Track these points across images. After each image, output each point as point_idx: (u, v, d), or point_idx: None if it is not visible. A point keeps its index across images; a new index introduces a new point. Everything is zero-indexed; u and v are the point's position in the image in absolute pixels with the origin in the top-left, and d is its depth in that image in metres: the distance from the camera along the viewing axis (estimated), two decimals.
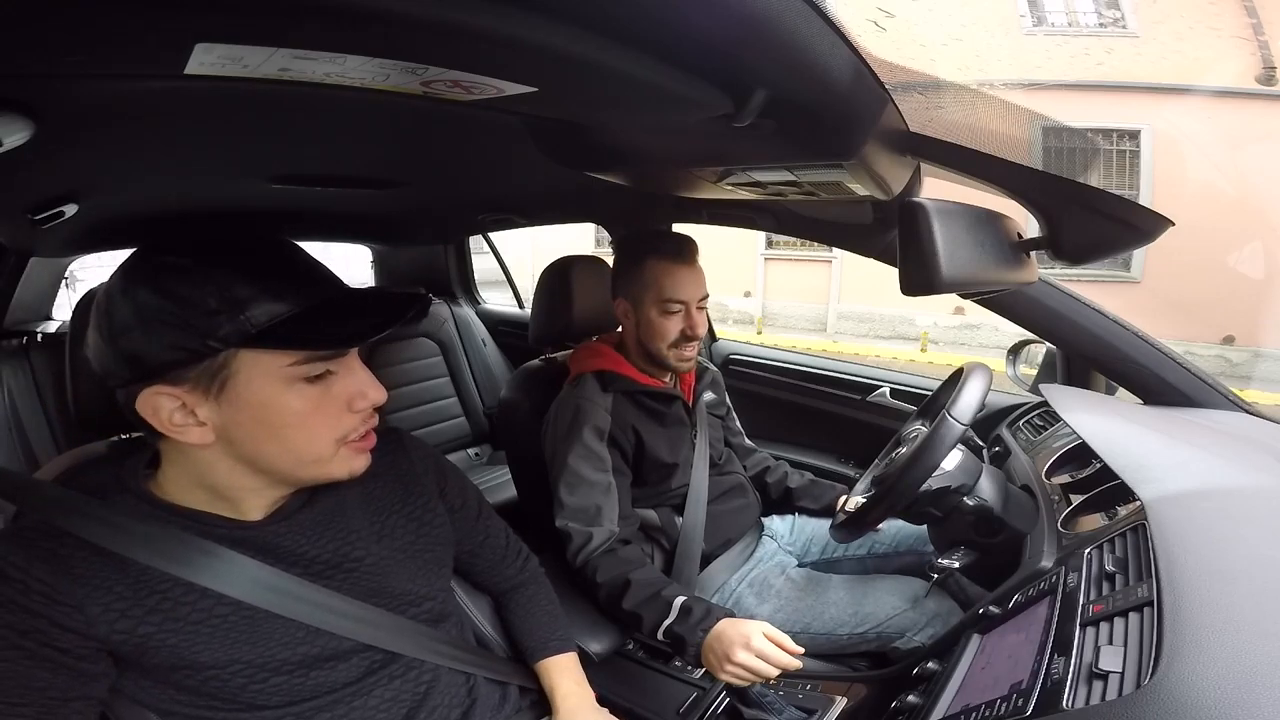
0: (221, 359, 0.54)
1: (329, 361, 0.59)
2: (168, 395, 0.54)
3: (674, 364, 1.16)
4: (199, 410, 0.55)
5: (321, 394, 0.59)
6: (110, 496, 0.59)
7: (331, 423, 0.60)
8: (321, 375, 0.58)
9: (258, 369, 0.55)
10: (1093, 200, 0.68)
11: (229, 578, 0.58)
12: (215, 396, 0.55)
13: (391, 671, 0.68)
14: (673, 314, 1.12)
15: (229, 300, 0.53)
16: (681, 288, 1.11)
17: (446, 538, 0.78)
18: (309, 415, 0.58)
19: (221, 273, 0.54)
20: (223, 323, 0.53)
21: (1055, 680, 0.54)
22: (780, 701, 0.92)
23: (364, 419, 0.62)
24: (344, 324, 0.58)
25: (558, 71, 0.49)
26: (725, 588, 1.19)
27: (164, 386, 0.54)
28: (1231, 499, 0.67)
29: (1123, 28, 6.18)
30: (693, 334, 1.13)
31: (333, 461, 0.61)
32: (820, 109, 0.58)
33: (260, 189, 1.05)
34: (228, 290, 0.53)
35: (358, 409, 0.61)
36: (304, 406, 0.58)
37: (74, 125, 0.60)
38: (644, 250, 1.14)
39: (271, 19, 0.37)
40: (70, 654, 0.53)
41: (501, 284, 2.59)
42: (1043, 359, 1.35)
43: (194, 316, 0.52)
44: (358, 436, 0.62)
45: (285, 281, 0.57)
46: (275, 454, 0.59)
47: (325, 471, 0.61)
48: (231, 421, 0.56)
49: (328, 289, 0.60)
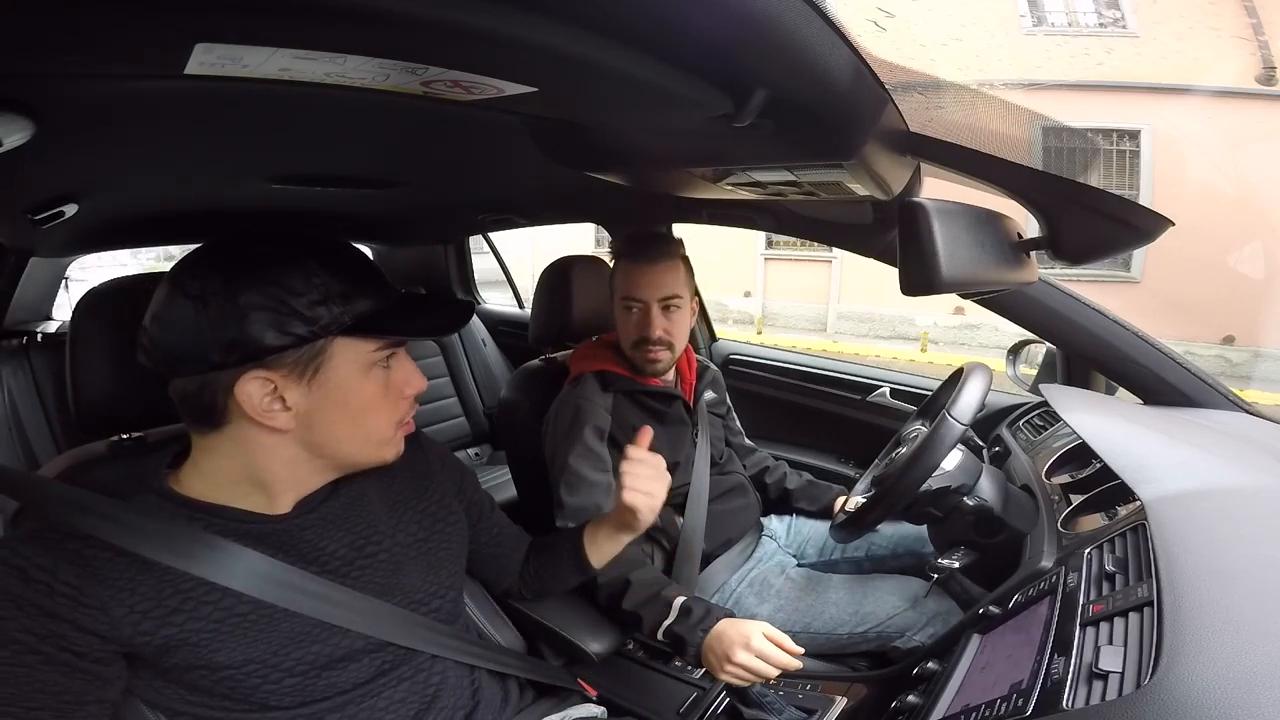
0: (321, 345, 0.59)
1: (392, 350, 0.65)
2: (263, 379, 0.57)
3: (640, 364, 1.16)
4: (288, 394, 0.59)
5: (388, 379, 0.65)
6: (132, 496, 0.59)
7: (394, 405, 0.66)
8: (385, 362, 0.65)
9: (349, 355, 0.61)
10: (1093, 200, 0.68)
11: (246, 576, 0.58)
12: (309, 381, 0.59)
13: (401, 673, 0.68)
14: (629, 311, 1.13)
15: (330, 293, 0.59)
16: (638, 286, 1.12)
17: (460, 536, 0.79)
18: (379, 398, 0.64)
19: (318, 267, 0.59)
20: (325, 313, 0.58)
21: (1055, 680, 0.54)
22: (780, 701, 0.92)
23: (411, 405, 0.69)
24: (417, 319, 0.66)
25: (558, 71, 0.49)
26: (725, 587, 1.19)
27: (261, 371, 0.57)
28: (1231, 499, 0.67)
29: (1123, 28, 6.18)
30: (645, 336, 1.12)
31: (390, 444, 0.67)
32: (820, 109, 0.58)
33: (260, 189, 1.05)
34: (328, 283, 0.59)
35: (408, 394, 0.67)
36: (377, 390, 0.64)
37: (74, 125, 0.60)
38: (619, 250, 1.18)
39: (271, 19, 0.37)
40: (87, 658, 0.53)
41: (501, 284, 2.59)
42: (1043, 359, 1.35)
43: (303, 305, 0.57)
44: (407, 420, 0.69)
45: (366, 279, 0.63)
46: (346, 436, 0.64)
47: (382, 454, 0.67)
48: (317, 406, 0.60)
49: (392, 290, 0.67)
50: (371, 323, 0.61)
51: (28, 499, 0.61)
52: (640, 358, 1.15)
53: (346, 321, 0.60)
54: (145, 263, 5.93)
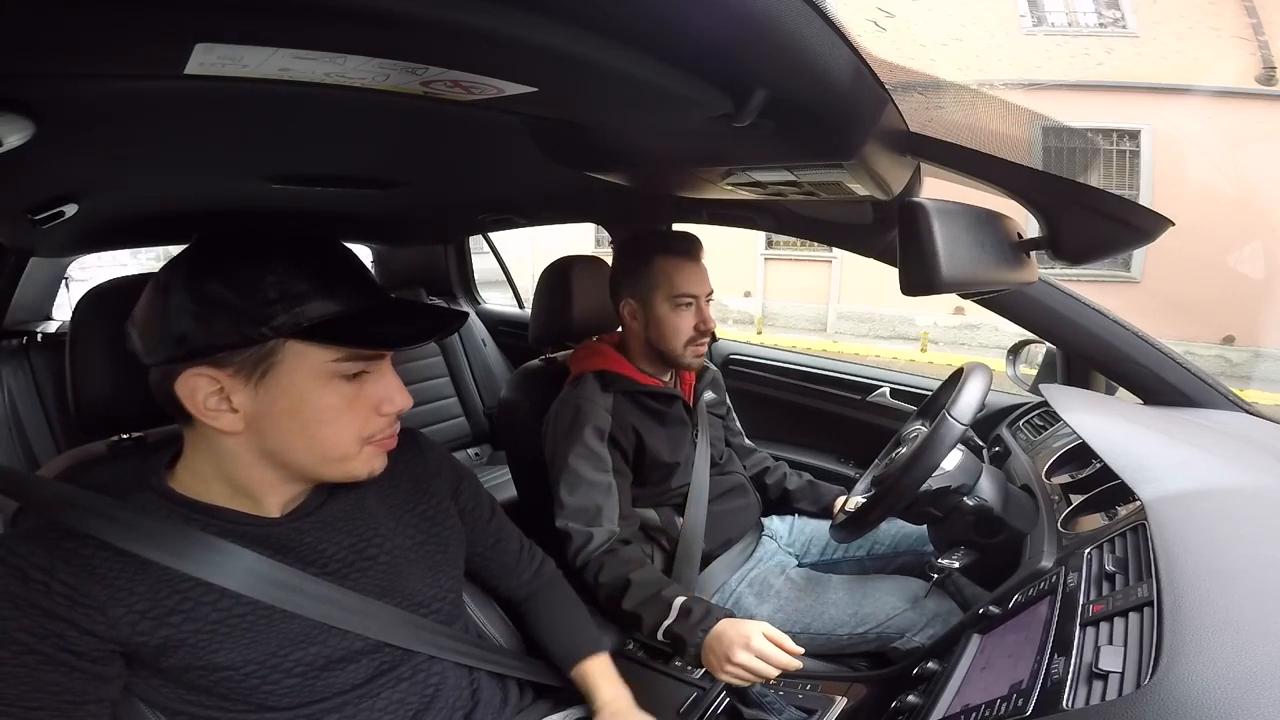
0: (270, 346, 0.56)
1: (366, 363, 0.61)
2: (208, 378, 0.55)
3: (689, 361, 1.16)
4: (235, 396, 0.56)
5: (354, 393, 0.61)
6: (130, 495, 0.59)
7: (359, 422, 0.61)
8: (357, 375, 0.60)
9: (302, 361, 0.57)
10: (1093, 200, 0.68)
11: (245, 577, 0.58)
12: (255, 383, 0.56)
13: (399, 674, 0.68)
14: (685, 308, 1.13)
15: (287, 292, 0.55)
16: (692, 283, 1.13)
17: (458, 539, 0.78)
18: (340, 412, 0.60)
19: (282, 264, 0.56)
20: (278, 312, 0.55)
21: (1055, 680, 0.54)
22: (780, 701, 0.92)
23: (389, 422, 0.64)
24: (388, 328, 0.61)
25: (558, 71, 0.49)
26: (725, 588, 1.19)
27: (206, 368, 0.55)
28: (1231, 499, 0.67)
29: (1123, 28, 6.18)
30: (705, 328, 1.14)
31: (355, 460, 0.62)
32: (820, 109, 0.58)
33: (260, 189, 1.05)
34: (287, 282, 0.56)
35: (385, 412, 0.63)
36: (337, 403, 0.59)
37: (74, 125, 0.60)
38: (652, 249, 1.15)
39: (271, 19, 0.37)
40: (86, 657, 0.53)
41: (501, 284, 2.59)
42: (1043, 359, 1.35)
43: (252, 303, 0.54)
44: (381, 438, 0.64)
45: (338, 282, 0.59)
46: (301, 449, 0.60)
47: (346, 470, 0.63)
48: (265, 411, 0.57)
49: (375, 294, 0.62)
50: (329, 329, 0.57)
51: (26, 498, 0.61)
52: (692, 354, 1.15)
53: (301, 324, 0.56)
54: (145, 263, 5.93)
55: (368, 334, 0.59)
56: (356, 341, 0.59)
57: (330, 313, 0.57)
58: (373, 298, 0.62)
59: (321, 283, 0.58)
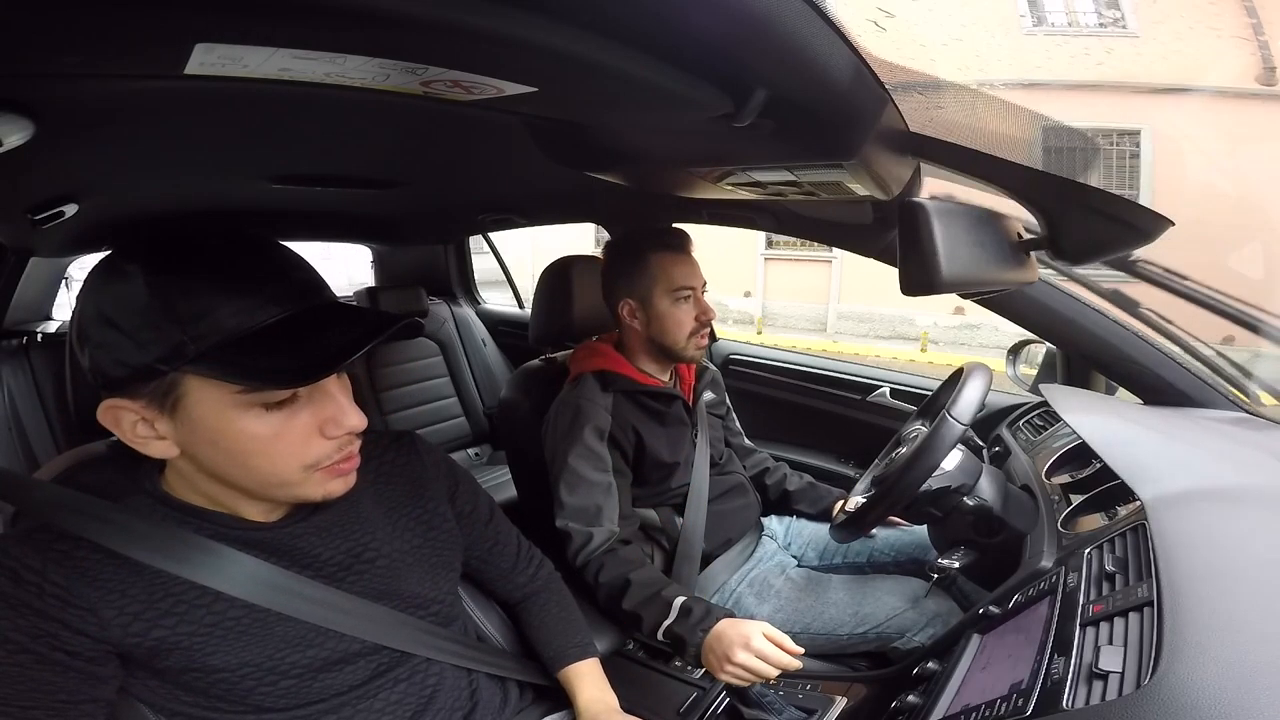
0: (170, 379, 0.51)
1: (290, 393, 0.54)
2: (126, 409, 0.53)
3: (692, 353, 1.17)
4: (158, 425, 0.53)
5: (285, 420, 0.54)
6: (124, 498, 0.58)
7: (296, 450, 0.55)
8: (285, 401, 0.54)
9: (206, 393, 0.51)
10: (1093, 200, 0.68)
11: (240, 580, 0.58)
12: (170, 415, 0.53)
13: (397, 675, 0.68)
14: (685, 301, 1.14)
15: (173, 316, 0.49)
16: (688, 275, 1.14)
17: (454, 542, 0.78)
18: (270, 442, 0.54)
19: (169, 282, 0.50)
20: (164, 341, 0.49)
21: (1055, 680, 0.54)
22: (780, 701, 0.92)
23: (340, 445, 0.57)
24: (300, 347, 0.51)
25: (558, 71, 0.49)
26: (725, 588, 1.19)
27: (123, 400, 0.52)
28: (1231, 499, 0.67)
29: (1123, 28, 6.19)
30: (706, 319, 1.16)
31: (302, 485, 0.57)
32: (820, 109, 0.58)
33: (260, 189, 1.05)
34: (173, 305, 0.49)
35: (331, 436, 0.56)
36: (264, 432, 0.53)
37: (74, 125, 0.60)
38: (645, 246, 1.15)
39: (271, 19, 0.37)
40: (80, 657, 0.53)
41: (501, 284, 2.59)
42: (1043, 359, 1.35)
43: (139, 331, 0.49)
44: (331, 463, 0.58)
45: (248, 295, 0.51)
46: (239, 476, 0.56)
47: (295, 494, 0.58)
48: (189, 440, 0.54)
49: (291, 299, 0.54)
50: (227, 358, 0.49)
51: (19, 500, 0.61)
52: (694, 345, 1.16)
53: (189, 353, 0.49)
54: None
55: (260, 366, 0.50)
56: (248, 376, 0.50)
57: (229, 333, 0.50)
58: (286, 305, 0.53)
59: (214, 299, 0.50)
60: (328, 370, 0.52)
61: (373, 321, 0.56)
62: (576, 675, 0.83)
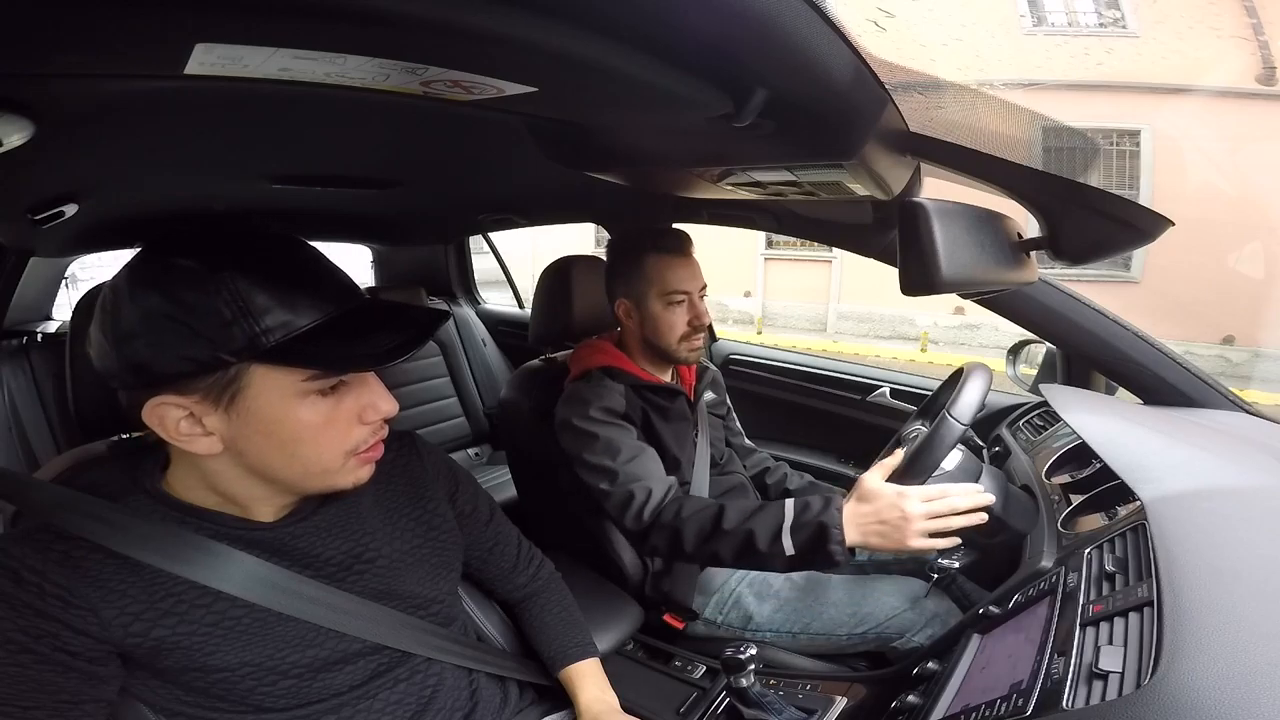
0: (233, 372, 0.52)
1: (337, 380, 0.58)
2: (175, 405, 0.53)
3: (684, 356, 1.16)
4: (207, 420, 0.54)
5: (333, 406, 0.57)
6: (123, 498, 0.58)
7: (342, 435, 0.59)
8: (335, 388, 0.57)
9: (270, 384, 0.54)
10: (1093, 200, 0.68)
11: (240, 580, 0.58)
12: (225, 408, 0.54)
13: (397, 675, 0.68)
14: (677, 305, 1.13)
15: (243, 310, 0.51)
16: (683, 279, 1.13)
17: (454, 542, 0.77)
18: (320, 429, 0.57)
19: (235, 279, 0.51)
20: (237, 335, 0.51)
21: (1055, 680, 0.54)
22: (780, 701, 0.92)
23: (374, 430, 0.61)
24: (363, 340, 0.56)
25: (558, 71, 0.49)
26: (725, 587, 1.18)
27: (171, 396, 0.53)
28: (1231, 499, 0.67)
29: (1123, 28, 6.19)
30: (699, 324, 1.15)
31: (340, 473, 0.60)
32: (820, 109, 0.58)
33: (260, 189, 1.05)
34: (242, 299, 0.51)
35: (368, 421, 0.60)
36: (316, 420, 0.56)
37: (74, 125, 0.60)
38: (641, 248, 1.15)
39: (271, 19, 0.37)
40: (81, 657, 0.53)
41: (501, 284, 2.59)
42: (1043, 359, 1.35)
43: (206, 327, 0.50)
44: (366, 448, 0.61)
45: (303, 291, 0.54)
46: (282, 466, 0.58)
47: (331, 482, 0.61)
48: (240, 434, 0.55)
49: (346, 299, 0.58)
50: (295, 351, 0.52)
51: (19, 501, 0.61)
52: (687, 349, 1.15)
53: (261, 346, 0.51)
54: None
55: (337, 352, 0.54)
56: (327, 363, 0.54)
57: (295, 328, 0.53)
58: (343, 302, 0.57)
59: (282, 294, 0.53)
60: (398, 355, 0.56)
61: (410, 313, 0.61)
62: (577, 675, 0.83)
